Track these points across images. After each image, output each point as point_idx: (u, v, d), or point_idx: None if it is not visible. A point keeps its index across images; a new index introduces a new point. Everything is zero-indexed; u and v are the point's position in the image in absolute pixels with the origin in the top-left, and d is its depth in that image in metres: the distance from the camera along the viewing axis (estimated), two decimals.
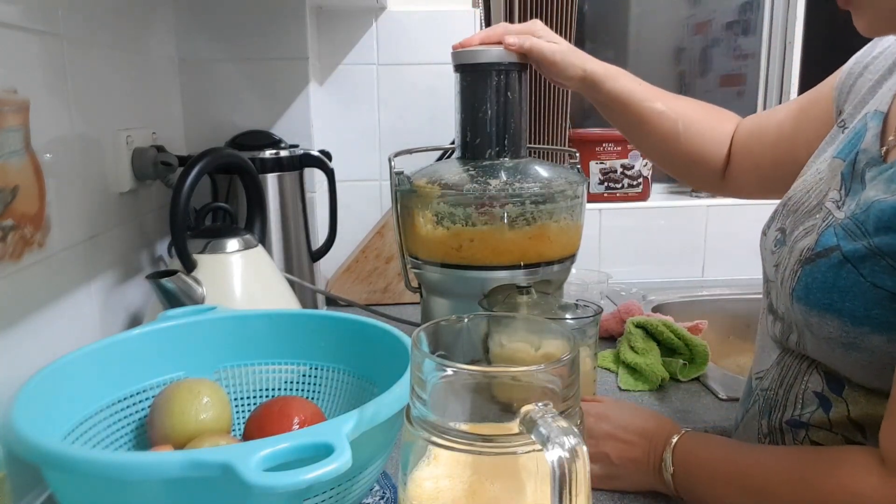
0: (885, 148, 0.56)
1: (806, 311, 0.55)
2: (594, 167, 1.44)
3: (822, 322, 0.54)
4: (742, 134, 0.81)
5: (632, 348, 0.95)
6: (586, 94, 0.82)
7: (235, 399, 0.67)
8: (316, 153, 1.10)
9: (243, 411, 0.67)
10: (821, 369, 0.57)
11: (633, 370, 0.92)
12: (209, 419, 0.59)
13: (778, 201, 0.67)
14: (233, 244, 0.82)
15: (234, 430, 0.65)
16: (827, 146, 0.64)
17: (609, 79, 0.79)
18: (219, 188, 1.05)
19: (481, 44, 0.82)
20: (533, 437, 0.35)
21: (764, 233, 0.67)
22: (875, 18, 0.53)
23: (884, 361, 0.51)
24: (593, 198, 1.44)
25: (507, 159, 0.85)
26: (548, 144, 1.32)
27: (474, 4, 1.30)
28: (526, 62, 0.83)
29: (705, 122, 0.82)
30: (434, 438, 0.38)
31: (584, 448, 0.34)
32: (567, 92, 1.29)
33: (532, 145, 1.19)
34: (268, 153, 1.05)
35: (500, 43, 0.81)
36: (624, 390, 0.89)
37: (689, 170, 0.84)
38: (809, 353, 0.58)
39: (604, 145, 1.44)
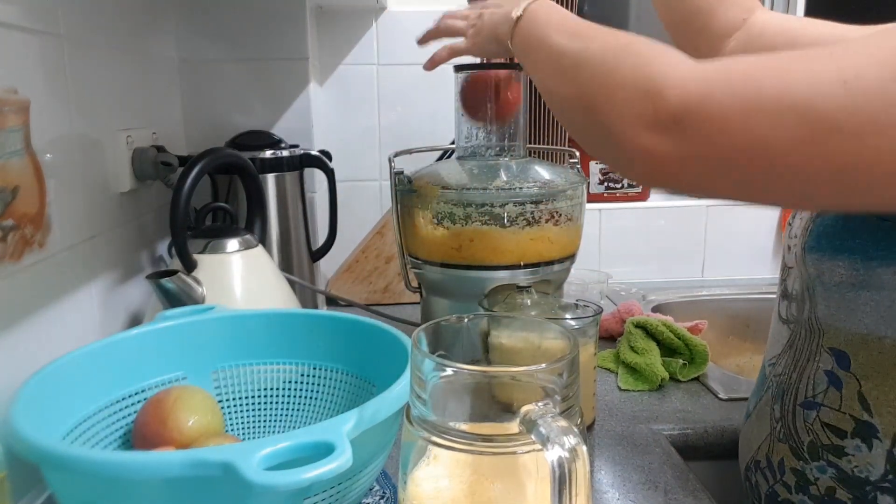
0: None
1: (818, 260, 0.58)
2: (594, 167, 1.44)
3: (834, 266, 0.57)
4: (769, 26, 0.74)
5: (632, 348, 0.95)
6: None
7: (235, 399, 0.67)
8: (316, 153, 1.10)
9: (243, 411, 0.67)
10: (829, 348, 0.59)
11: (633, 370, 0.92)
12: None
13: None
14: (233, 244, 0.82)
15: (236, 431, 0.65)
16: None
17: None
18: (219, 188, 1.05)
19: (448, 54, 0.83)
20: (533, 437, 0.35)
21: (789, 223, 0.68)
22: None
23: (892, 298, 0.54)
24: (593, 198, 1.44)
25: (507, 159, 0.85)
26: (548, 144, 1.32)
27: None
28: None
29: None
30: (434, 438, 0.38)
31: (584, 448, 0.34)
32: None
33: (532, 145, 1.19)
34: (268, 153, 1.05)
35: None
36: (624, 390, 0.89)
37: (689, 23, 0.78)
38: (820, 319, 0.60)
39: None
